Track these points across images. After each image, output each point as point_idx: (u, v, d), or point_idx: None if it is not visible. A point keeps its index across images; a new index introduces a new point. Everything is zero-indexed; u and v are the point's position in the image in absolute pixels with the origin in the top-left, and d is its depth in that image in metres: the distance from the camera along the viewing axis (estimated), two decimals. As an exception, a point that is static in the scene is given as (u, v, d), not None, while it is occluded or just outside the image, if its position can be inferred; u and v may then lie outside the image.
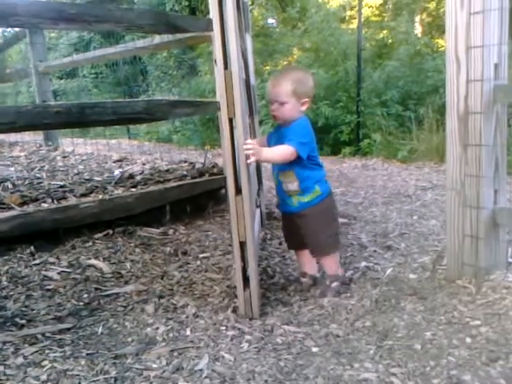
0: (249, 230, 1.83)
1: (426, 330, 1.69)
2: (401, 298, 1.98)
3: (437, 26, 11.18)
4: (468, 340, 1.60)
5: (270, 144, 2.04)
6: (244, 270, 1.87)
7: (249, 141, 1.82)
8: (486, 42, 1.86)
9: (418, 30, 12.24)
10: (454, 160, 2.02)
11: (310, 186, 1.97)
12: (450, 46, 1.96)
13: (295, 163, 1.92)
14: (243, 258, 1.86)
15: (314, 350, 1.63)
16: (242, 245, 1.85)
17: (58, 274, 2.20)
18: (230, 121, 1.80)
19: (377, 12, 13.17)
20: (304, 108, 1.96)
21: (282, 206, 2.12)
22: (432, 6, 12.70)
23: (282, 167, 1.98)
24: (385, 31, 8.29)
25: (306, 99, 1.95)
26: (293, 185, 1.98)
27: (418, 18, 13.08)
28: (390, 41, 7.88)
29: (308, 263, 2.17)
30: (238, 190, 1.82)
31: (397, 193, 3.91)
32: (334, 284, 2.07)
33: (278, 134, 2.01)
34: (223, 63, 1.76)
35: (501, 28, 1.89)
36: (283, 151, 1.88)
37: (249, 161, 1.80)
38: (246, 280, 1.87)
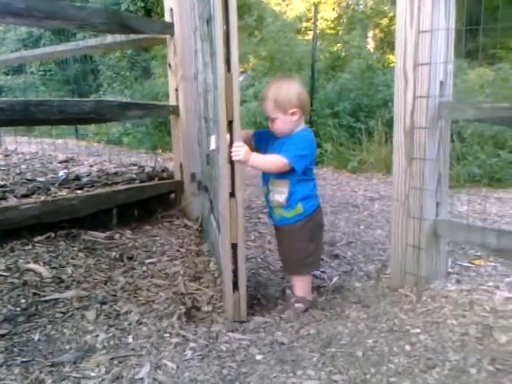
0: (241, 233, 1.84)
1: (368, 338, 1.73)
2: (345, 306, 2.02)
3: (388, 42, 11.58)
4: (407, 347, 1.64)
5: (257, 143, 2.00)
6: (235, 272, 1.87)
7: (238, 143, 1.78)
8: (433, 59, 1.93)
9: (371, 44, 12.64)
10: (400, 172, 2.08)
11: (294, 202, 1.91)
12: (399, 62, 2.03)
13: (289, 175, 1.87)
14: (235, 261, 1.86)
15: (258, 357, 1.63)
16: (234, 247, 1.85)
17: (-6, 277, 2.09)
18: (230, 123, 1.79)
19: (332, 25, 13.50)
20: (295, 118, 1.86)
21: (269, 217, 2.12)
22: (384, 22, 13.17)
23: (275, 176, 1.91)
24: (339, 44, 8.49)
25: (294, 109, 1.85)
26: (280, 196, 1.92)
27: (370, 33, 13.52)
28: (343, 54, 8.07)
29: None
30: (232, 193, 1.83)
31: (345, 202, 3.99)
32: (298, 305, 2.00)
33: (280, 141, 1.92)
34: (226, 66, 1.74)
35: (447, 47, 1.97)
36: (275, 162, 1.84)
37: (235, 160, 1.78)
38: (235, 283, 1.87)
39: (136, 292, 2.11)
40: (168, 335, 1.75)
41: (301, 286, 2.03)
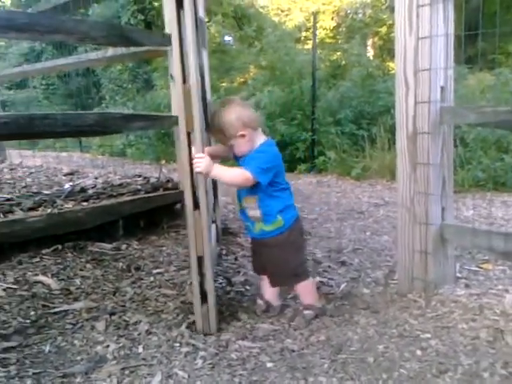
0: (206, 245, 1.82)
1: (378, 343, 1.72)
2: (354, 313, 2.01)
3: (388, 50, 11.64)
4: (419, 352, 1.64)
5: (235, 157, 1.96)
6: (201, 284, 1.85)
7: (200, 154, 1.77)
8: (433, 65, 1.94)
9: (370, 52, 12.72)
10: (404, 178, 2.09)
11: (272, 215, 1.88)
12: (400, 68, 2.04)
13: (259, 190, 1.84)
14: (201, 273, 1.85)
15: (269, 365, 1.63)
16: (200, 260, 1.84)
17: (4, 290, 2.10)
18: (189, 135, 1.79)
19: (331, 34, 13.62)
20: (247, 139, 1.83)
21: (246, 230, 2.07)
22: (383, 30, 13.27)
23: (246, 192, 1.89)
24: (338, 53, 8.55)
25: (240, 132, 1.81)
26: (255, 212, 1.89)
27: (370, 42, 13.60)
28: (343, 62, 8.12)
29: (267, 289, 2.06)
30: (196, 205, 1.81)
31: (350, 209, 3.99)
32: (307, 312, 1.97)
33: (247, 157, 1.87)
34: (182, 78, 1.76)
35: (446, 52, 1.98)
36: (236, 175, 1.81)
37: (195, 171, 1.77)
38: (203, 295, 1.85)
39: (144, 302, 2.11)
40: (178, 344, 1.75)
41: (305, 293, 2.01)
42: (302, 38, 12.19)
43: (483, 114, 1.91)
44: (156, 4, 11.41)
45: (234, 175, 1.82)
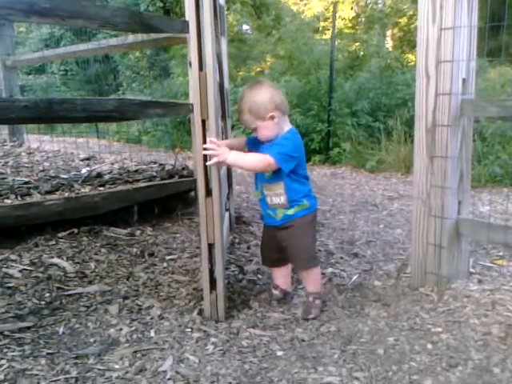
0: (218, 233, 1.83)
1: (388, 336, 1.72)
2: (365, 304, 2.01)
3: (407, 41, 11.47)
4: (429, 346, 1.63)
5: (250, 150, 1.95)
6: (211, 272, 1.86)
7: (212, 139, 1.75)
8: (455, 57, 1.91)
9: (389, 44, 12.54)
10: (421, 170, 2.07)
11: (298, 200, 1.87)
12: (421, 59, 2.01)
13: (284, 176, 1.83)
14: (211, 260, 1.86)
15: (279, 353, 1.64)
16: (211, 247, 1.85)
17: (20, 271, 2.14)
18: (203, 122, 1.79)
19: (350, 24, 13.45)
20: (275, 121, 1.81)
21: (265, 219, 2.02)
22: (403, 21, 13.05)
23: (269, 180, 1.87)
24: (357, 43, 8.44)
25: (271, 113, 1.79)
26: (279, 198, 1.87)
27: (389, 33, 13.40)
28: (361, 53, 8.02)
29: (282, 277, 2.07)
30: (209, 192, 1.82)
31: (364, 201, 3.97)
32: (317, 301, 1.96)
33: (268, 145, 1.86)
34: (198, 65, 1.76)
35: (469, 44, 1.95)
36: (257, 160, 1.80)
37: (208, 163, 1.76)
38: (212, 282, 1.86)
39: (157, 287, 2.13)
40: (189, 330, 1.77)
41: (314, 279, 2.00)
42: (321, 28, 12.05)
43: (505, 108, 1.88)
44: (174, -9, 11.39)
45: (255, 160, 1.81)
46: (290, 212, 1.89)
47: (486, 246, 2.52)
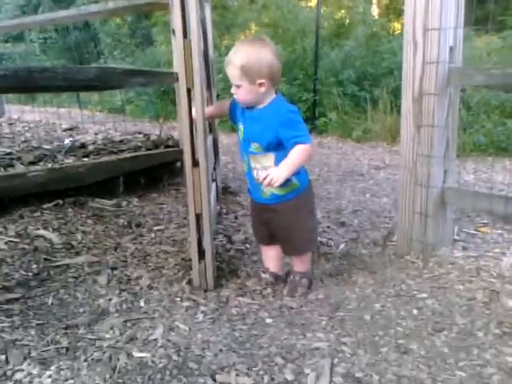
0: (205, 203, 1.82)
1: (375, 302, 1.76)
2: (352, 272, 2.04)
3: (393, 9, 11.32)
4: (415, 311, 1.67)
5: (231, 113, 1.84)
6: (199, 242, 1.86)
7: (264, 173, 1.64)
8: (442, 24, 1.89)
9: (376, 11, 12.36)
10: (408, 139, 2.07)
11: (288, 179, 1.68)
12: (408, 27, 1.99)
13: (278, 148, 1.67)
14: (199, 230, 1.86)
15: (268, 320, 1.66)
16: (198, 217, 1.84)
17: (5, 243, 2.11)
18: (189, 91, 1.76)
19: (336, -9, 13.19)
20: (262, 90, 1.64)
21: (251, 193, 1.87)
22: (390, -12, 12.84)
23: (257, 150, 1.70)
24: (343, 11, 8.32)
25: (262, 80, 1.62)
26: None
27: (375, 0, 13.20)
28: (347, 21, 7.91)
29: (272, 260, 1.95)
30: (195, 162, 1.80)
31: (351, 171, 3.99)
32: (304, 280, 1.89)
33: (251, 115, 1.72)
34: (182, 32, 1.71)
35: (457, 12, 1.93)
36: (301, 156, 1.64)
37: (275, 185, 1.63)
38: (201, 252, 1.86)
39: (145, 258, 2.13)
40: (179, 299, 1.78)
41: (304, 261, 1.91)
42: (306, -6, 11.84)
43: (491, 76, 1.88)
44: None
45: (300, 158, 1.64)
46: (279, 192, 1.74)
47: (470, 214, 2.56)
